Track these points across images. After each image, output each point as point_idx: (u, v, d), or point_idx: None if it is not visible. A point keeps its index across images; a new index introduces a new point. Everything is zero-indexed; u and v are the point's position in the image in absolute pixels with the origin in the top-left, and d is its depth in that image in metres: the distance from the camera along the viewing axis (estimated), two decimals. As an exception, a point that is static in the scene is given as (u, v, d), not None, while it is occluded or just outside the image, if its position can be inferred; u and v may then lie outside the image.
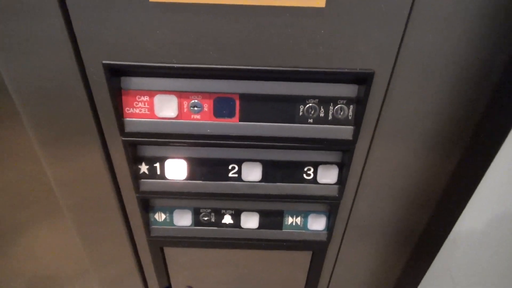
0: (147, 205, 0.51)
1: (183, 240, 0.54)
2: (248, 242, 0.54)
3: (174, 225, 0.53)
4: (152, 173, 0.47)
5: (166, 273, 0.60)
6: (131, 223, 0.54)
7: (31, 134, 0.44)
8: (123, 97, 0.41)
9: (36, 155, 0.47)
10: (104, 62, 0.38)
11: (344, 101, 0.41)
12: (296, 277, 0.60)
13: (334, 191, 0.48)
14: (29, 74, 0.38)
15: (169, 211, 0.52)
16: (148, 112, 0.42)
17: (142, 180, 0.47)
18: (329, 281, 0.62)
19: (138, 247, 0.57)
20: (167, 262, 0.58)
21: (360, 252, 0.57)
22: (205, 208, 0.52)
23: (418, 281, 0.54)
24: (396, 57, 0.37)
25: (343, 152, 0.46)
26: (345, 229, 0.53)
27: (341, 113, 0.42)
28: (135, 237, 0.56)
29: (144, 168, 0.47)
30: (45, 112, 0.41)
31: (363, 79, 0.39)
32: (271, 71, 0.39)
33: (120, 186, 0.49)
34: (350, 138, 0.43)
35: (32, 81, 0.39)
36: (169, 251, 0.57)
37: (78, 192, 0.50)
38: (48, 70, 0.38)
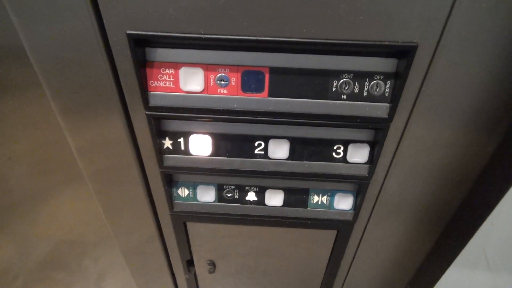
0: (170, 180, 0.51)
1: (206, 216, 0.53)
2: (272, 219, 0.53)
3: (198, 201, 0.52)
4: (176, 148, 0.46)
5: (188, 247, 0.60)
6: (154, 195, 0.54)
7: (52, 104, 0.43)
8: (148, 70, 0.39)
9: (57, 123, 0.46)
10: (128, 32, 0.36)
11: (381, 77, 0.38)
12: (319, 255, 0.60)
13: (364, 171, 0.46)
14: (51, 44, 0.37)
15: (193, 186, 0.51)
16: (173, 86, 0.40)
17: (166, 155, 0.46)
18: (352, 261, 0.61)
19: (161, 219, 0.57)
20: (189, 237, 0.58)
21: (386, 232, 0.56)
22: (229, 185, 0.51)
23: (450, 261, 0.52)
24: (444, 27, 0.34)
25: (375, 131, 0.43)
26: (373, 209, 0.52)
27: (377, 90, 0.39)
28: (158, 210, 0.56)
29: (168, 143, 0.46)
30: (67, 82, 0.40)
31: (405, 53, 0.36)
32: (304, 42, 0.36)
33: (143, 159, 0.48)
34: (386, 116, 0.40)
35: (54, 51, 0.37)
36: (192, 226, 0.56)
37: (99, 162, 0.49)
38: (70, 40, 0.37)
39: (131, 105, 0.42)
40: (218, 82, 0.40)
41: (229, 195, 0.51)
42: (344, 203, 0.51)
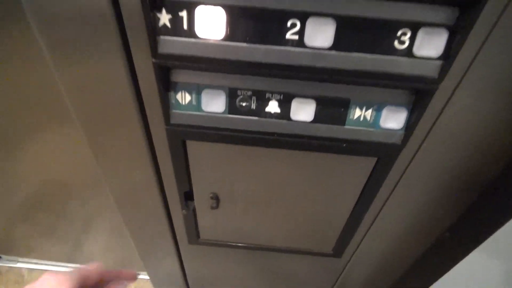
0: (167, 79, 0.38)
1: (212, 132, 0.41)
2: (297, 140, 0.41)
3: (202, 111, 0.40)
4: (177, 27, 0.33)
5: (188, 175, 0.49)
6: (148, 112, 0.42)
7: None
8: None
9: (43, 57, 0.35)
10: None
11: None
12: (347, 190, 0.49)
13: (434, 70, 0.33)
14: None
15: (196, 90, 0.39)
16: None
17: (162, 37, 0.33)
18: (385, 202, 0.50)
19: (156, 144, 0.46)
20: (189, 161, 0.47)
21: (436, 168, 0.44)
22: (244, 89, 0.38)
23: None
24: None
25: (461, 9, 0.30)
26: (429, 131, 0.40)
27: None
28: (152, 130, 0.44)
29: (165, 18, 0.32)
30: None
31: None
32: None
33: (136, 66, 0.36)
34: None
35: None
36: (193, 147, 0.45)
37: (89, 89, 0.39)
38: None
39: None
40: None
41: (244, 104, 0.39)
42: (393, 120, 0.39)
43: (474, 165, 0.44)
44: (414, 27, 0.32)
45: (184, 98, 0.39)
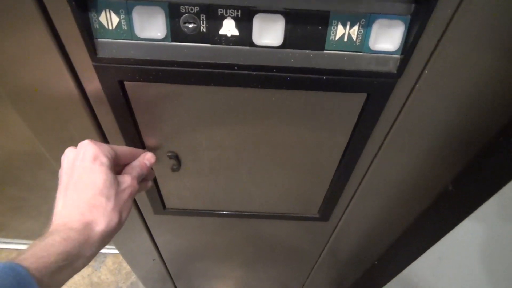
0: (82, -7, 0.28)
1: (153, 68, 0.32)
2: (262, 74, 0.32)
3: (136, 38, 0.30)
4: None
5: (136, 129, 0.39)
6: (66, 45, 0.32)
7: None
8: None
9: None
10: None
11: None
12: (332, 133, 0.40)
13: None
14: None
15: (125, 8, 0.29)
16: None
17: None
18: (383, 142, 0.41)
19: (88, 90, 0.36)
20: (133, 110, 0.37)
21: (445, 101, 0.36)
22: (189, 5, 0.29)
23: None
24: None
25: None
26: (434, 51, 0.31)
27: None
28: (79, 72, 0.34)
29: None
30: None
31: None
32: None
33: None
34: None
35: None
36: (134, 90, 0.35)
37: None
38: None
39: None
40: None
41: (191, 25, 0.29)
42: (386, 39, 0.30)
43: (490, 101, 0.35)
44: None
45: (110, 20, 0.29)
